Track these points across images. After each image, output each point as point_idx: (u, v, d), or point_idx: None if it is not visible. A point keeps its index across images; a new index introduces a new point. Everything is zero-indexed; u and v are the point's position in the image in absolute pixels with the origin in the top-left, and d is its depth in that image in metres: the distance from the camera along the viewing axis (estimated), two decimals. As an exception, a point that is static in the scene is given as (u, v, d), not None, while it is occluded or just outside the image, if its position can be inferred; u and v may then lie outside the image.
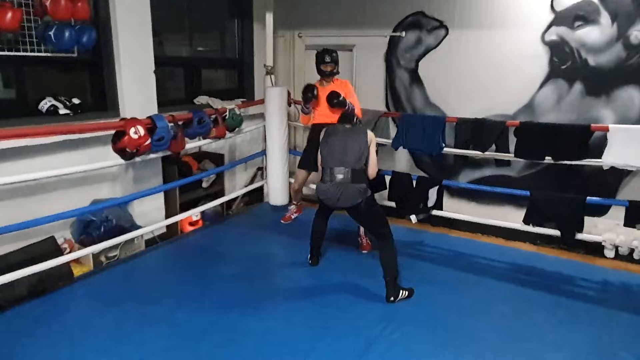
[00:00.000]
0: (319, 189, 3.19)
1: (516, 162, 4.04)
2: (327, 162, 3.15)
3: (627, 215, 3.39)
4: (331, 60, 3.85)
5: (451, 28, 4.24)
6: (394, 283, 3.08)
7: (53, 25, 3.00)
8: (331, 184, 3.09)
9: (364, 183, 3.09)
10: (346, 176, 3.05)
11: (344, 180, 3.06)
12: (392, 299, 3.05)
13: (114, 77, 3.58)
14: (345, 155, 3.10)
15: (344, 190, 3.05)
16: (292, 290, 3.21)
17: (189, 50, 4.72)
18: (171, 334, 2.66)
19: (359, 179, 3.07)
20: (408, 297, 3.11)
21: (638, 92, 3.60)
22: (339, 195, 3.06)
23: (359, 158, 3.10)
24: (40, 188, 3.19)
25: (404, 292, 3.10)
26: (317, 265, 3.57)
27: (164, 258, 3.75)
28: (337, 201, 3.09)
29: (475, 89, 4.20)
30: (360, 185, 3.06)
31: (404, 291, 3.11)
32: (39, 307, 2.87)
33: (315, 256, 3.58)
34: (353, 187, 3.05)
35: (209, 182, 4.56)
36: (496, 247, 4.11)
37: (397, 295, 3.06)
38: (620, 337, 2.75)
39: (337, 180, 3.06)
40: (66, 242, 3.39)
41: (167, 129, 3.45)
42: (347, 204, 3.09)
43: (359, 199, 3.05)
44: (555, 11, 3.78)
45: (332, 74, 3.91)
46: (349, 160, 3.08)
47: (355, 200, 3.05)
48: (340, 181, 3.06)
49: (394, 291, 3.06)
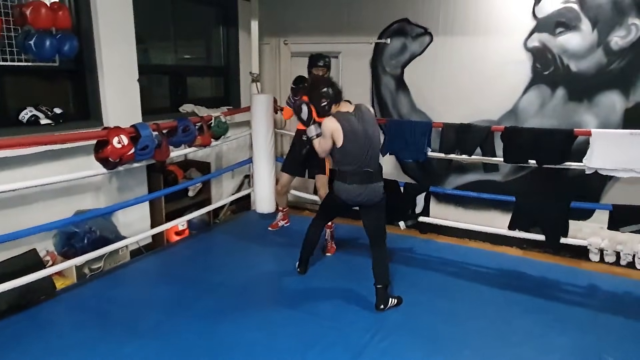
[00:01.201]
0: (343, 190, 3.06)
1: (502, 167, 4.07)
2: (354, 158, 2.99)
3: (611, 219, 3.43)
4: (324, 64, 3.84)
5: (435, 35, 4.28)
6: (385, 291, 3.06)
7: (34, 34, 2.94)
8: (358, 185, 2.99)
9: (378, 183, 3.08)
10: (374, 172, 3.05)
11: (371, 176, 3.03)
12: (382, 307, 3.03)
13: (97, 86, 3.54)
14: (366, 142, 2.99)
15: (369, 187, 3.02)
16: (281, 300, 3.18)
17: (174, 58, 4.69)
18: (157, 347, 2.61)
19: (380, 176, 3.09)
20: (397, 305, 3.09)
21: (619, 97, 3.66)
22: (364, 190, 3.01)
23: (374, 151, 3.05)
24: (21, 199, 3.13)
25: (393, 300, 3.09)
26: (305, 274, 3.54)
27: (150, 269, 3.70)
28: (359, 196, 3.02)
29: (460, 95, 4.24)
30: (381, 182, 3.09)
31: (393, 299, 3.09)
32: (19, 322, 2.80)
33: (304, 264, 3.55)
34: (377, 185, 3.06)
35: (195, 191, 4.52)
36: (483, 252, 4.14)
37: (387, 304, 3.05)
38: (607, 340, 2.77)
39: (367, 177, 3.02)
40: (48, 254, 3.32)
41: (151, 137, 3.41)
42: (372, 200, 3.05)
43: (381, 194, 3.07)
44: (537, 18, 3.83)
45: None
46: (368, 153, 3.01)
47: (380, 196, 3.06)
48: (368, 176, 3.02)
49: (384, 300, 3.04)
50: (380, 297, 3.04)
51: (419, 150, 3.94)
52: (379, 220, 3.15)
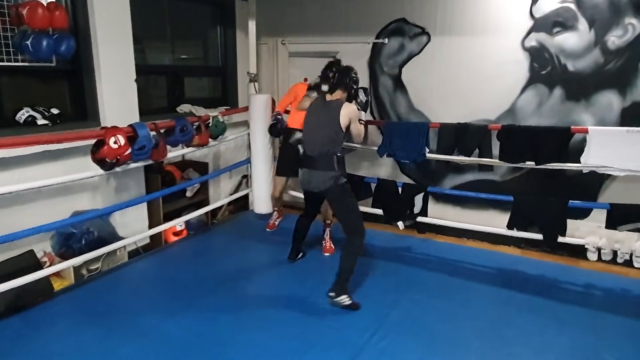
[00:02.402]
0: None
1: (499, 166, 4.07)
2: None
3: (609, 218, 3.44)
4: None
5: (433, 34, 4.28)
6: (344, 283, 3.04)
7: (30, 34, 2.94)
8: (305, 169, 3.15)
9: (329, 171, 3.07)
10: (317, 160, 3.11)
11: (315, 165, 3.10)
12: (332, 294, 3.00)
13: (94, 86, 3.53)
14: (316, 135, 3.13)
15: (313, 174, 3.12)
16: (279, 300, 3.17)
17: (172, 58, 4.68)
18: (155, 348, 2.60)
19: (326, 164, 3.08)
20: (347, 307, 3.01)
21: (616, 96, 3.67)
22: (310, 179, 3.13)
23: (324, 140, 3.08)
24: (18, 200, 3.11)
25: (346, 300, 3.02)
26: (294, 262, 3.62)
27: (148, 269, 3.69)
28: (309, 184, 3.15)
29: (457, 95, 4.24)
30: (328, 172, 3.07)
31: (347, 298, 3.02)
32: (16, 324, 2.79)
33: (293, 253, 3.64)
34: (321, 173, 3.08)
35: (193, 191, 4.51)
36: (481, 252, 4.14)
37: (339, 295, 3.00)
38: (605, 339, 2.77)
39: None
40: (46, 255, 3.31)
41: (149, 137, 3.40)
42: (317, 189, 3.12)
43: (331, 182, 3.06)
44: (534, 17, 3.84)
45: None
46: (315, 143, 3.12)
47: (326, 184, 3.07)
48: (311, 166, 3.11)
49: (337, 290, 3.01)
50: (337, 286, 3.02)
51: (416, 151, 3.93)
52: (341, 211, 3.17)
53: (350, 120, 3.08)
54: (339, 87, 3.14)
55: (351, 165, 4.45)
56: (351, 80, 3.16)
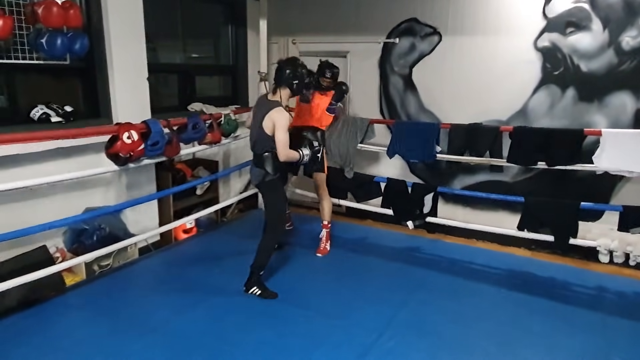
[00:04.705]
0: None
1: (510, 168, 4.04)
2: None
3: (621, 220, 3.39)
4: (331, 76, 3.81)
5: (444, 34, 4.26)
6: (255, 275, 3.17)
7: (45, 32, 2.99)
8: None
9: (262, 168, 3.13)
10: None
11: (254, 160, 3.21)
12: (244, 288, 3.17)
13: (107, 84, 3.56)
14: (253, 135, 3.18)
15: (252, 170, 3.24)
16: (287, 298, 3.18)
17: (183, 57, 4.71)
18: (164, 345, 2.63)
19: (260, 162, 3.15)
20: (260, 296, 3.14)
21: (630, 97, 3.62)
22: (250, 173, 3.28)
23: (257, 139, 3.12)
24: (32, 196, 3.16)
25: (257, 290, 3.17)
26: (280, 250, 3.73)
27: (158, 266, 3.72)
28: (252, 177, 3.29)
29: (468, 95, 4.22)
30: (260, 170, 3.15)
31: (258, 289, 3.17)
32: (29, 318, 2.83)
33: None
34: (256, 170, 3.18)
35: (203, 190, 4.54)
36: (491, 253, 4.11)
37: (250, 289, 3.17)
38: (615, 342, 2.75)
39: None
40: (58, 250, 3.35)
41: (162, 133, 3.43)
42: (254, 182, 3.27)
43: (260, 178, 3.16)
44: (547, 17, 3.80)
45: (328, 88, 3.87)
46: (253, 139, 3.17)
47: (257, 179, 3.19)
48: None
49: (249, 284, 3.18)
50: (248, 279, 3.18)
51: (426, 152, 3.92)
52: (266, 205, 3.29)
53: (275, 126, 2.99)
54: (279, 86, 3.13)
55: (360, 164, 4.45)
56: (290, 76, 3.09)
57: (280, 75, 3.12)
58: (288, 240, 4.14)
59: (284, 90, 3.14)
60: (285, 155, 3.03)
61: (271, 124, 3.01)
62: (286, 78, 3.11)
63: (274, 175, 3.15)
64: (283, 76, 3.11)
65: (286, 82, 3.12)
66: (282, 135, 2.99)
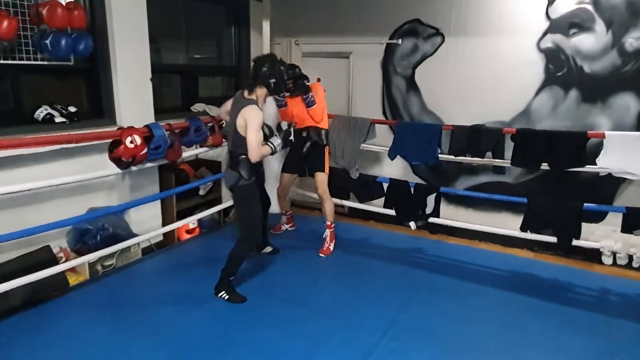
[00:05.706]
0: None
1: (513, 169, 4.03)
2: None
3: (624, 222, 3.39)
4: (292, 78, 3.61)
5: (447, 35, 4.26)
6: (225, 280, 3.14)
7: (49, 33, 3.00)
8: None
9: (236, 171, 3.02)
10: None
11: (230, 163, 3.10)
12: (214, 291, 3.14)
13: (111, 85, 3.58)
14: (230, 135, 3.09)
15: (227, 171, 3.14)
16: (290, 298, 3.19)
17: (186, 57, 4.72)
18: (167, 344, 2.63)
19: (235, 165, 3.04)
20: (228, 300, 3.11)
21: (633, 99, 3.62)
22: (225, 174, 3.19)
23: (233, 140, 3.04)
24: (35, 197, 3.17)
25: (225, 295, 3.13)
26: (258, 254, 3.73)
27: (161, 266, 3.73)
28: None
29: (471, 96, 4.21)
30: (233, 172, 3.04)
31: (225, 293, 3.13)
32: (33, 318, 2.84)
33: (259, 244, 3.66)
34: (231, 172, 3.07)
35: (206, 190, 4.54)
36: (494, 254, 4.11)
37: (219, 292, 3.14)
38: (619, 344, 2.74)
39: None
40: (62, 251, 3.36)
41: (164, 137, 3.44)
42: (227, 185, 3.15)
43: (232, 182, 3.05)
44: (550, 19, 3.80)
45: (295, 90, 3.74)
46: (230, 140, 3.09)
47: (229, 183, 3.09)
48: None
49: (218, 288, 3.15)
50: (217, 283, 3.16)
51: (428, 154, 3.92)
52: (239, 212, 3.23)
53: (246, 125, 2.86)
54: (256, 85, 3.01)
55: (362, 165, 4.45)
56: (267, 74, 2.96)
57: (257, 73, 2.98)
58: (289, 242, 4.14)
59: (260, 89, 3.01)
60: (256, 155, 2.91)
61: (244, 123, 2.88)
62: (263, 76, 2.98)
63: (248, 180, 3.02)
64: (260, 74, 2.97)
65: (263, 81, 2.99)
66: (253, 136, 2.85)
